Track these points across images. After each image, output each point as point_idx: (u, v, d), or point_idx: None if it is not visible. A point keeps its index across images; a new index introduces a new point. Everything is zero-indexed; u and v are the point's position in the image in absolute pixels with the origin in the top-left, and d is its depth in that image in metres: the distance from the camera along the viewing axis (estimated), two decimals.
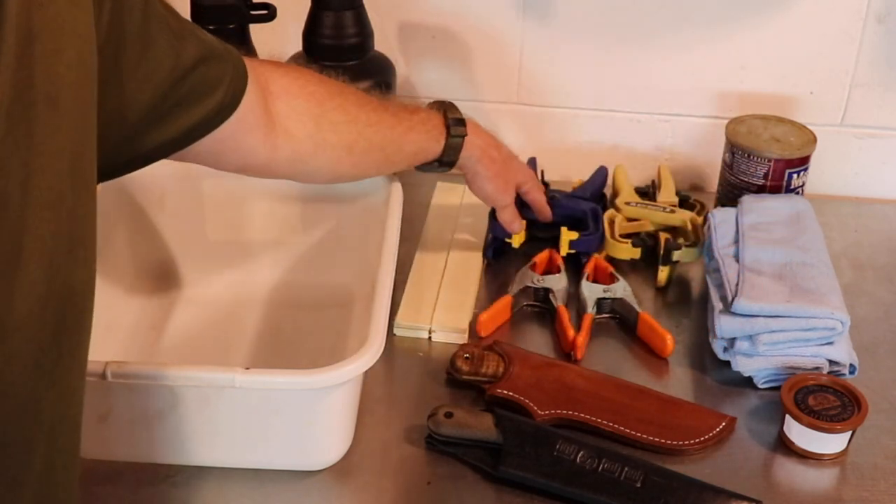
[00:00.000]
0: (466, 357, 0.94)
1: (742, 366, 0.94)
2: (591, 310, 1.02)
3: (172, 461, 0.84)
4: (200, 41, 0.73)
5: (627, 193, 1.17)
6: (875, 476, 0.87)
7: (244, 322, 1.03)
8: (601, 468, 0.83)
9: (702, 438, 0.88)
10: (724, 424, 0.90)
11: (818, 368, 0.93)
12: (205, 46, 0.74)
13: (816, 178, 1.19)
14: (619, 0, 1.21)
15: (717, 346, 0.97)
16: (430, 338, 1.00)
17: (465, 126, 0.97)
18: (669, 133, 1.28)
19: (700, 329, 1.02)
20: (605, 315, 1.04)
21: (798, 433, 0.88)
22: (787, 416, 0.88)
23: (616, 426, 0.89)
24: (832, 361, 0.94)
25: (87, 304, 0.57)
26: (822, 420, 0.87)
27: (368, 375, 0.84)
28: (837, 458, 0.88)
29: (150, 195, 1.04)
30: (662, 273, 1.08)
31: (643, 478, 0.83)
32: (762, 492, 0.84)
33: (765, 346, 0.93)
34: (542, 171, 1.20)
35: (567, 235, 1.08)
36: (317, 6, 1.12)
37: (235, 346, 1.00)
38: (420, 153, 0.96)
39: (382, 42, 1.20)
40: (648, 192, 1.19)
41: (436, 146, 0.96)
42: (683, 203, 1.16)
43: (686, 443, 0.88)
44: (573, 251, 1.09)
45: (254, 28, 1.16)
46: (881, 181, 1.28)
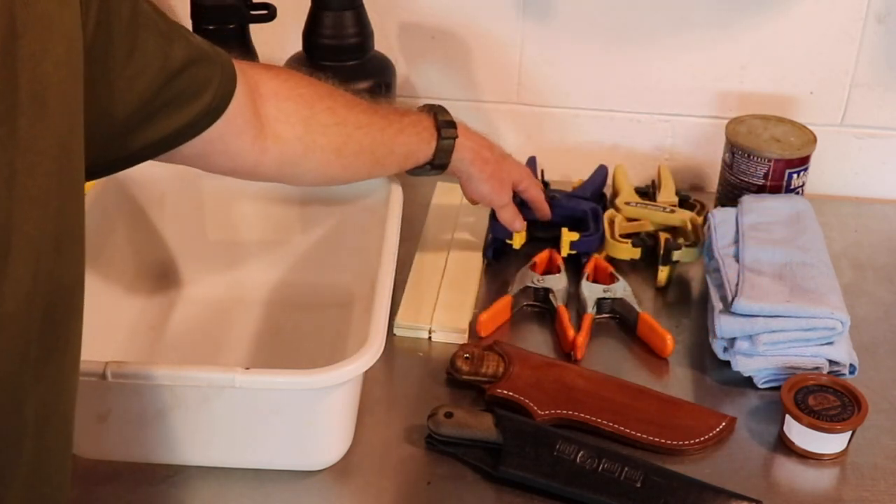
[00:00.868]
0: (466, 357, 0.94)
1: (742, 366, 0.94)
2: (591, 310, 1.02)
3: (172, 461, 0.84)
4: (189, 43, 0.73)
5: (627, 193, 1.17)
6: (875, 476, 0.87)
7: (244, 322, 1.03)
8: (601, 468, 0.83)
9: (702, 438, 0.88)
10: (724, 424, 0.90)
11: (818, 368, 0.93)
12: (193, 48, 0.74)
13: (816, 178, 1.19)
14: (620, 0, 1.21)
15: (717, 346, 0.97)
16: (430, 338, 1.00)
17: (456, 128, 0.97)
18: (669, 133, 1.28)
19: (700, 329, 1.02)
20: (605, 315, 1.04)
21: (798, 433, 0.88)
22: (787, 416, 0.88)
23: (616, 426, 0.88)
24: (832, 361, 0.94)
25: (77, 301, 0.57)
26: (822, 420, 0.87)
27: (368, 375, 0.84)
28: (837, 458, 0.88)
29: (150, 195, 1.04)
30: (662, 273, 1.08)
31: (643, 478, 0.83)
32: (762, 492, 0.84)
33: (765, 346, 0.93)
34: (542, 171, 1.20)
35: (568, 236, 1.08)
36: (317, 6, 1.12)
37: (235, 346, 1.00)
38: (411, 156, 0.96)
39: (382, 42, 1.20)
40: (648, 192, 1.19)
41: (427, 148, 0.96)
42: (683, 203, 1.16)
43: (686, 443, 0.88)
44: (573, 251, 1.09)
45: (254, 28, 1.16)
46: (881, 181, 1.28)
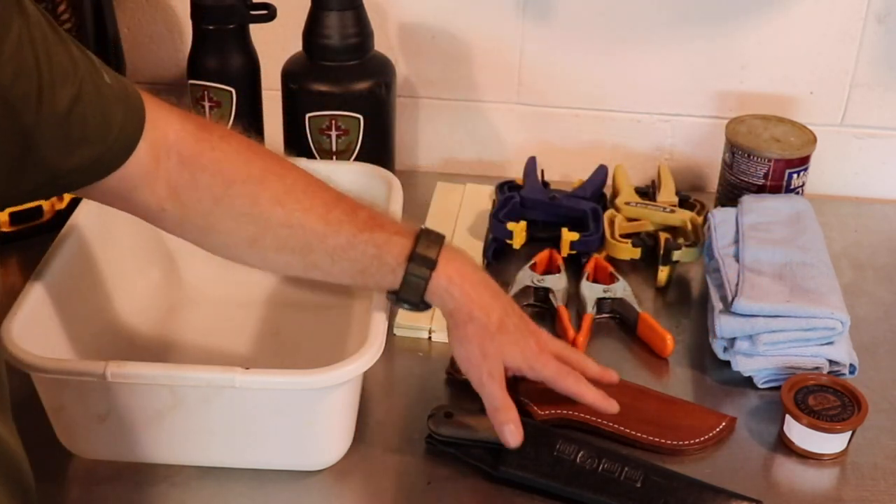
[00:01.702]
0: None
1: (742, 366, 0.94)
2: (591, 310, 1.02)
3: (172, 461, 0.85)
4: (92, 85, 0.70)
5: (627, 193, 1.17)
6: (875, 476, 0.87)
7: (244, 322, 1.03)
8: (601, 468, 0.83)
9: (702, 438, 0.88)
10: (724, 424, 0.90)
11: (818, 368, 0.93)
12: (89, 91, 0.70)
13: (816, 178, 1.19)
14: (619, 0, 1.21)
15: (717, 346, 0.97)
16: (430, 338, 1.00)
17: (432, 268, 0.80)
18: (669, 133, 1.28)
19: (700, 329, 1.02)
20: (605, 315, 1.04)
21: (798, 433, 0.88)
22: (787, 416, 0.88)
23: (616, 426, 0.88)
24: (832, 361, 0.94)
25: None
26: (822, 420, 0.87)
27: (368, 375, 0.84)
28: (837, 458, 0.88)
29: None
30: (662, 273, 1.08)
31: (643, 478, 0.83)
32: (762, 492, 0.84)
33: (765, 346, 0.93)
34: (542, 171, 1.20)
35: (568, 237, 1.08)
36: (317, 6, 1.12)
37: (235, 346, 1.00)
38: (365, 276, 0.82)
39: (382, 42, 1.20)
40: (648, 192, 1.19)
41: (388, 276, 0.81)
42: (683, 203, 1.16)
43: (686, 443, 0.88)
44: (573, 251, 1.09)
45: (254, 28, 1.16)
46: (881, 181, 1.28)
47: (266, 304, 1.06)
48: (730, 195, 1.14)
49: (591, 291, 1.04)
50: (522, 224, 1.10)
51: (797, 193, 1.13)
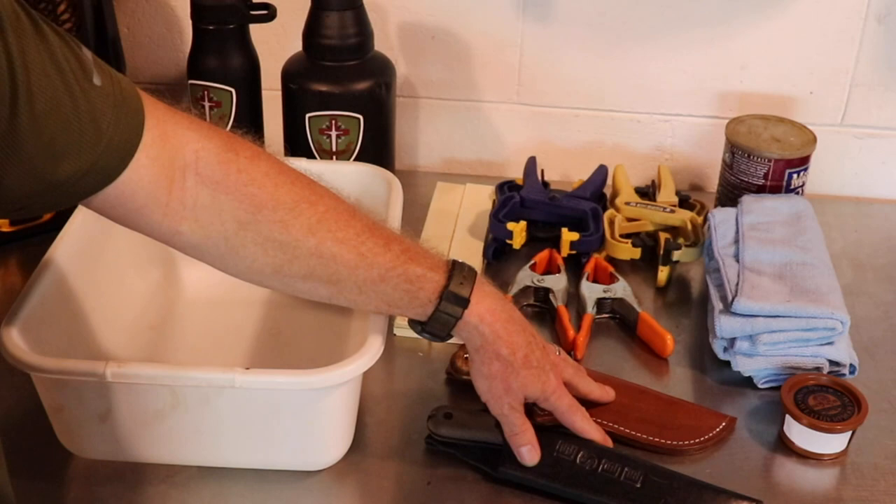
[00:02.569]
0: (466, 357, 0.93)
1: (742, 366, 0.94)
2: (591, 310, 1.02)
3: (172, 461, 0.85)
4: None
5: (627, 193, 1.17)
6: (875, 476, 0.87)
7: (244, 322, 1.03)
8: (601, 468, 0.83)
9: (702, 438, 0.88)
10: (724, 424, 0.90)
11: (818, 368, 0.93)
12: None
13: (816, 178, 1.19)
14: (619, 0, 1.21)
15: (717, 346, 0.97)
16: None
17: (464, 307, 0.80)
18: (669, 133, 1.28)
19: (700, 329, 1.02)
20: (605, 315, 1.04)
21: (798, 433, 0.88)
22: (787, 416, 0.88)
23: (616, 426, 0.88)
24: (832, 361, 0.94)
25: None
26: (822, 420, 0.87)
27: (368, 375, 0.84)
28: (837, 458, 0.88)
29: None
30: (662, 273, 1.08)
31: (643, 478, 0.83)
32: (762, 492, 0.84)
33: (765, 346, 0.93)
34: (542, 171, 1.20)
35: (568, 237, 1.08)
36: (317, 6, 1.12)
37: (235, 346, 1.00)
38: (392, 307, 0.82)
39: (382, 42, 1.20)
40: (648, 192, 1.19)
41: (418, 310, 0.81)
42: (683, 203, 1.16)
43: (686, 443, 0.88)
44: (573, 251, 1.09)
45: (254, 28, 1.16)
46: (881, 181, 1.28)
47: (266, 304, 1.06)
48: (730, 195, 1.14)
49: (591, 291, 1.04)
50: (522, 224, 1.10)
51: (797, 193, 1.13)
